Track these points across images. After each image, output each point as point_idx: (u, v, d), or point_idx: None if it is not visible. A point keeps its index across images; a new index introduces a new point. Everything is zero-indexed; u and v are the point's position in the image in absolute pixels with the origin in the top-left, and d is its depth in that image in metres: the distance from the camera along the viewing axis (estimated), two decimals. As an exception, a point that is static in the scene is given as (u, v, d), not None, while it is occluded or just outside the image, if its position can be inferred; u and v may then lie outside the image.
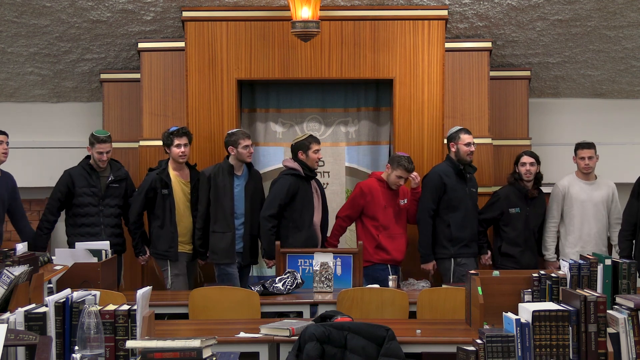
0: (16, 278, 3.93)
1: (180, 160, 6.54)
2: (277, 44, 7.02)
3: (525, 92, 7.64)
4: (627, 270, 4.23)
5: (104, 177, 6.61)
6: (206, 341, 2.97)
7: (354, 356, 4.13)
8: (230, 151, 6.52)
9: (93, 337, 3.18)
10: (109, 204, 6.59)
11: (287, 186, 6.38)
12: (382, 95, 7.31)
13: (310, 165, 6.49)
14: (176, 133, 6.49)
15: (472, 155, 6.61)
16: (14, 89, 7.88)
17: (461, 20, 7.22)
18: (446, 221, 6.55)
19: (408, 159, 6.47)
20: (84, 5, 6.94)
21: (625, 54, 7.63)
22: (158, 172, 6.53)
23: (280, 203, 6.37)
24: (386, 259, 6.46)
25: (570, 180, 6.79)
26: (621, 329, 3.38)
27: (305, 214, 6.43)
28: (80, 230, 6.53)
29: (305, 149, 6.48)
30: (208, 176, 6.51)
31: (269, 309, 5.48)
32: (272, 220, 6.37)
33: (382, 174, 6.61)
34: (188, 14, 7.00)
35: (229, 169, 6.52)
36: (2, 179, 6.50)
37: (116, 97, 7.55)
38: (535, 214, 6.73)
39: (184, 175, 6.62)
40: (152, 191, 6.51)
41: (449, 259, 6.54)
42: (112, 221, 6.61)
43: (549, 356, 3.27)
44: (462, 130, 6.63)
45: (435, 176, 6.56)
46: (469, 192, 6.62)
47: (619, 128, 7.98)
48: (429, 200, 6.54)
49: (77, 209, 6.56)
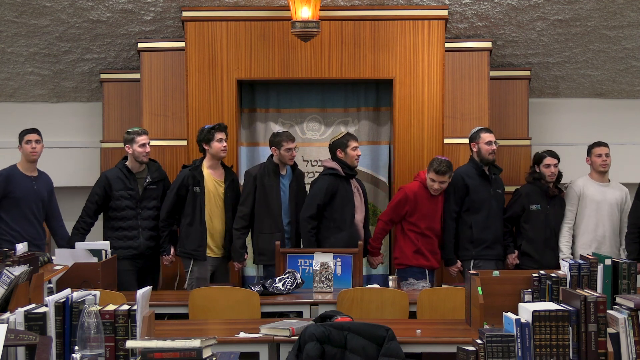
0: (16, 278, 3.93)
1: (222, 154, 6.44)
2: (277, 44, 7.02)
3: (525, 92, 7.64)
4: (627, 270, 4.22)
5: (141, 179, 6.50)
6: (206, 341, 2.98)
7: (354, 356, 4.13)
8: (273, 152, 6.47)
9: (93, 337, 3.18)
10: (147, 206, 6.48)
11: (325, 186, 6.33)
12: (382, 95, 7.31)
13: (350, 163, 6.42)
14: (218, 128, 6.42)
15: (494, 154, 6.57)
16: (14, 89, 7.88)
17: (461, 20, 7.22)
18: (468, 222, 6.50)
19: (441, 162, 6.33)
20: (84, 5, 6.94)
21: (625, 54, 7.63)
22: (191, 169, 6.42)
23: (318, 203, 6.31)
24: (424, 264, 6.39)
25: (584, 181, 6.75)
26: (621, 329, 3.38)
27: (346, 213, 6.36)
28: (118, 233, 6.43)
29: (344, 147, 6.42)
30: (254, 176, 6.44)
31: (269, 309, 5.48)
32: (311, 221, 6.31)
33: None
34: (188, 14, 7.00)
35: (275, 168, 6.47)
36: (41, 178, 6.56)
37: (116, 97, 7.55)
38: (555, 212, 6.68)
39: (218, 174, 6.50)
40: (183, 188, 6.39)
41: (469, 260, 6.49)
42: (150, 224, 6.48)
43: (549, 356, 3.27)
44: (482, 129, 6.62)
45: (457, 178, 6.51)
46: (494, 193, 6.55)
47: (619, 128, 7.98)
48: (451, 203, 6.49)
49: (114, 213, 6.46)
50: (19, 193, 6.40)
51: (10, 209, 6.40)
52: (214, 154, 6.43)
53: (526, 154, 7.48)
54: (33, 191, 6.44)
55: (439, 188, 6.39)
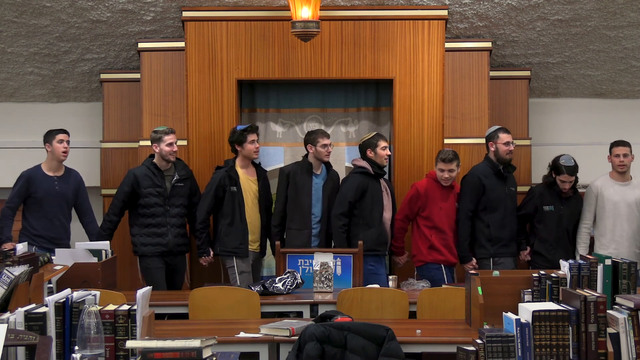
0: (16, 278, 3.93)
1: (255, 155, 6.57)
2: (277, 44, 7.02)
3: (525, 92, 7.64)
4: (627, 270, 4.22)
5: (168, 177, 6.56)
6: (206, 341, 2.97)
7: (354, 356, 4.13)
8: (309, 149, 6.56)
9: (93, 337, 3.18)
10: (175, 203, 6.53)
11: (356, 184, 6.42)
12: (382, 95, 7.31)
13: (379, 162, 6.51)
14: (250, 129, 6.53)
15: (512, 154, 6.61)
16: (14, 89, 7.88)
17: (461, 20, 7.22)
18: (485, 221, 6.55)
19: (447, 150, 6.51)
20: (84, 5, 6.94)
21: (625, 54, 7.63)
22: (226, 170, 6.51)
23: (350, 201, 6.40)
24: (439, 259, 6.49)
25: (603, 181, 6.73)
26: (621, 329, 3.38)
27: (375, 211, 6.45)
28: (147, 230, 6.49)
29: (374, 146, 6.51)
30: (287, 173, 6.57)
31: (269, 309, 5.48)
32: (342, 218, 6.40)
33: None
34: (188, 14, 7.00)
35: (308, 167, 6.56)
36: (66, 177, 6.67)
37: (116, 97, 7.55)
38: (569, 213, 6.67)
39: (250, 173, 6.62)
40: (220, 189, 6.48)
41: (487, 258, 6.55)
42: (178, 221, 6.55)
43: (549, 356, 3.27)
44: (500, 129, 6.65)
45: (473, 177, 6.57)
46: (509, 191, 6.62)
47: (619, 128, 7.97)
48: (467, 202, 6.54)
49: (143, 210, 6.50)
50: (40, 193, 6.56)
51: (33, 209, 6.59)
52: (246, 155, 6.55)
53: (526, 154, 7.48)
54: (55, 192, 6.58)
55: (449, 177, 6.48)
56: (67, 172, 6.73)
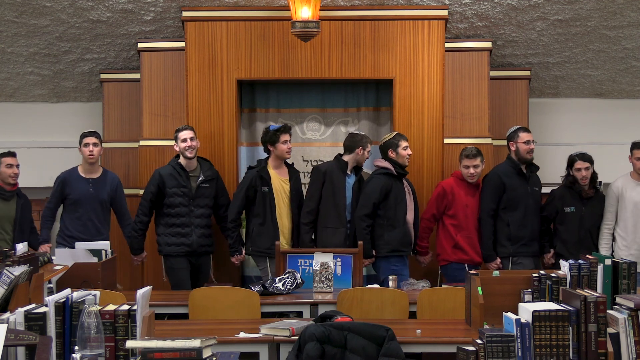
0: (16, 278, 3.93)
1: (287, 155, 6.56)
2: (277, 44, 7.02)
3: (525, 92, 7.64)
4: (627, 270, 4.22)
5: (194, 177, 6.56)
6: (206, 341, 2.97)
7: (354, 356, 4.13)
8: (358, 152, 6.53)
9: (93, 337, 3.18)
10: (199, 204, 6.54)
11: (380, 185, 6.42)
12: (382, 95, 7.31)
13: (401, 162, 6.52)
14: (283, 129, 6.52)
15: (532, 153, 6.63)
16: (14, 89, 7.88)
17: (461, 20, 7.22)
18: (506, 220, 6.57)
19: (470, 147, 6.59)
20: (84, 5, 6.94)
21: (625, 54, 7.63)
22: (258, 170, 6.51)
23: (374, 202, 6.39)
24: (464, 259, 6.53)
25: (624, 181, 6.68)
26: (621, 329, 3.38)
27: (399, 211, 6.44)
28: (171, 230, 6.50)
29: (395, 147, 6.52)
30: (323, 172, 6.54)
31: (269, 309, 5.48)
32: (367, 219, 6.39)
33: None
34: (188, 14, 7.00)
35: (344, 167, 6.56)
36: (102, 179, 6.73)
37: (116, 97, 7.55)
38: (591, 213, 6.63)
39: (282, 173, 6.61)
40: (252, 189, 6.48)
41: (507, 257, 6.57)
42: (203, 221, 6.55)
43: (549, 356, 3.27)
44: (520, 128, 6.68)
45: (494, 176, 6.60)
46: (531, 190, 6.63)
47: (619, 128, 7.98)
48: (488, 200, 6.57)
49: (168, 210, 6.52)
50: (74, 195, 6.64)
51: (69, 211, 6.68)
52: (279, 155, 6.54)
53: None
54: (89, 194, 6.64)
55: (475, 173, 6.56)
56: (104, 174, 6.77)
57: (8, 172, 6.68)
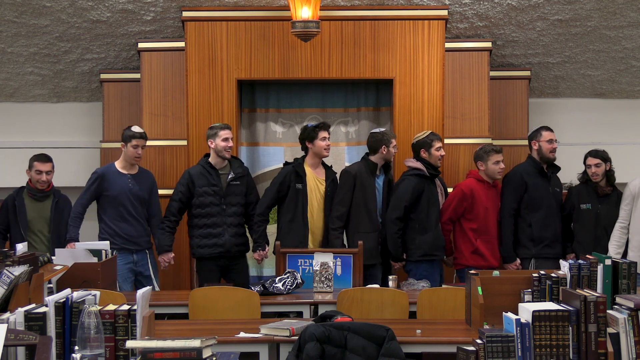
0: (16, 278, 3.93)
1: (325, 153, 6.40)
2: (277, 44, 7.02)
3: (525, 92, 7.64)
4: (627, 270, 4.22)
5: (224, 175, 6.41)
6: (206, 341, 2.98)
7: (354, 356, 4.13)
8: (382, 150, 6.37)
9: (93, 337, 3.18)
10: (231, 202, 6.37)
11: (411, 187, 6.26)
12: (382, 95, 7.31)
13: (434, 163, 6.40)
14: (322, 126, 6.38)
15: (555, 152, 6.55)
16: (14, 89, 7.88)
17: (461, 20, 7.23)
18: (527, 220, 6.47)
19: (490, 144, 6.55)
20: (84, 5, 6.94)
21: (625, 54, 7.63)
22: (294, 166, 6.38)
23: (405, 205, 6.24)
24: (482, 264, 6.27)
25: None
26: (621, 329, 3.38)
27: (431, 214, 6.31)
28: (202, 231, 6.34)
29: (428, 146, 6.41)
30: (354, 174, 6.35)
31: (269, 309, 5.48)
32: (398, 222, 6.24)
33: (479, 172, 6.53)
34: (188, 14, 7.01)
35: (373, 168, 6.40)
36: (140, 175, 6.55)
37: (116, 97, 7.55)
38: (607, 211, 6.52)
39: (319, 173, 6.46)
40: (285, 185, 6.35)
41: (529, 259, 6.45)
42: (235, 220, 6.38)
43: (549, 356, 3.27)
44: (543, 127, 6.62)
45: (516, 175, 6.51)
46: (552, 191, 6.54)
47: (619, 128, 7.98)
48: (510, 200, 6.46)
49: (198, 210, 6.35)
50: (113, 191, 6.43)
51: (107, 208, 6.46)
52: (316, 152, 6.40)
53: (526, 153, 7.46)
54: (128, 189, 6.45)
55: (504, 166, 6.49)
56: (141, 171, 6.59)
57: (36, 177, 6.55)
